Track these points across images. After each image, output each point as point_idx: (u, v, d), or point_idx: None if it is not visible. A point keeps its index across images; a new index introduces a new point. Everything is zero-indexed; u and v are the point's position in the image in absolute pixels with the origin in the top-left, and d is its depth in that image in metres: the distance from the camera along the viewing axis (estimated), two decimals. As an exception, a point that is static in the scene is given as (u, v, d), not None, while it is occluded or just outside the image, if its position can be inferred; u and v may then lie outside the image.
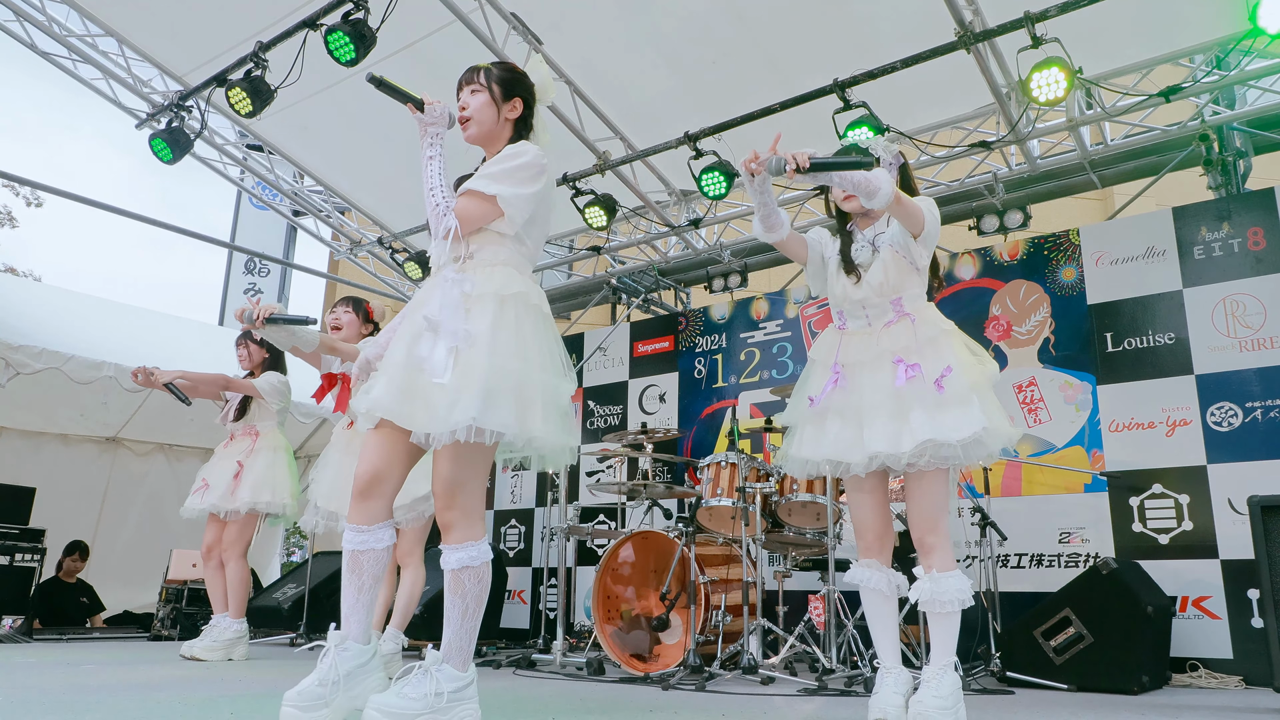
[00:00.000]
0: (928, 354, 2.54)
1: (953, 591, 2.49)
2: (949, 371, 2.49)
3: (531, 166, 2.40)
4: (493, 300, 2.28)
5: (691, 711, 2.89)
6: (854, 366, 2.64)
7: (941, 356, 2.53)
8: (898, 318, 2.64)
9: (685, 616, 4.19)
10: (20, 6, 5.87)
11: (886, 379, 2.55)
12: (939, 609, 2.50)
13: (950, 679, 2.47)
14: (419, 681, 2.15)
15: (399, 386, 2.22)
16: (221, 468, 4.82)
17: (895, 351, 2.58)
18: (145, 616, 7.22)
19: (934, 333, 2.59)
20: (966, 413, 2.45)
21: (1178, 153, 5.50)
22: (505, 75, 2.52)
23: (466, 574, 2.24)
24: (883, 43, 4.98)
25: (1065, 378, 5.17)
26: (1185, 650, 4.41)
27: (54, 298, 7.76)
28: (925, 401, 2.48)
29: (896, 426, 2.49)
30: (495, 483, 7.68)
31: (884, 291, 2.64)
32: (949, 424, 2.44)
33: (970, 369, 2.53)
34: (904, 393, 2.51)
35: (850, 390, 2.62)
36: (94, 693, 2.92)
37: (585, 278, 7.97)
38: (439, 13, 4.98)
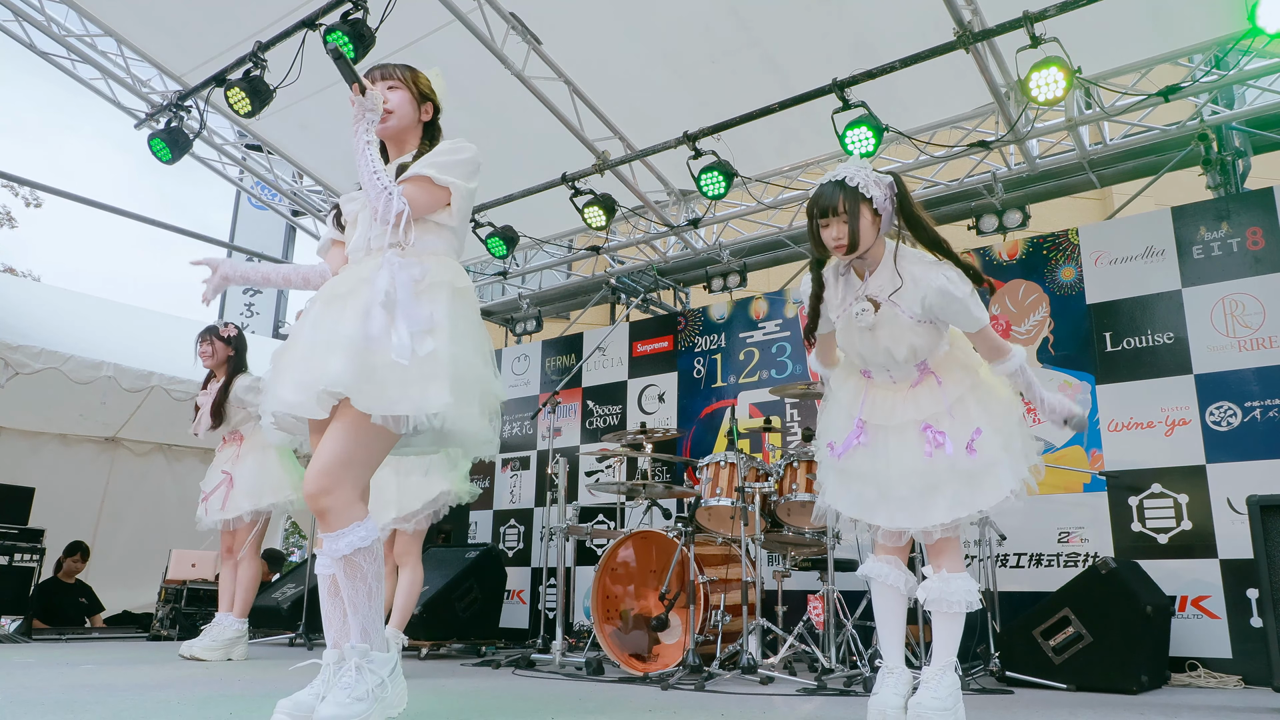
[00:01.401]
0: (957, 416, 2.47)
1: (961, 593, 2.47)
2: (978, 435, 2.44)
3: (474, 163, 2.42)
4: (446, 290, 2.28)
5: (691, 711, 2.89)
6: (878, 428, 2.55)
7: (970, 418, 2.47)
8: (922, 377, 2.55)
9: (684, 616, 4.19)
10: (19, 6, 5.87)
11: (913, 449, 2.48)
12: (945, 609, 2.48)
13: (950, 680, 2.45)
14: (358, 680, 2.09)
15: (358, 365, 2.13)
16: (213, 480, 4.85)
17: (922, 418, 2.49)
18: (144, 616, 7.22)
19: (960, 392, 2.51)
20: (997, 480, 2.45)
21: (1177, 152, 5.51)
22: (419, 78, 2.56)
23: (361, 556, 2.13)
24: (882, 42, 4.98)
25: (1064, 377, 5.18)
26: (1184, 650, 4.41)
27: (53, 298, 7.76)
28: (955, 473, 2.44)
29: (924, 502, 2.46)
30: (494, 482, 7.68)
31: (910, 359, 2.52)
32: (980, 497, 2.46)
33: (997, 420, 2.48)
34: (932, 466, 2.45)
35: (875, 454, 2.54)
36: (93, 692, 2.92)
37: (584, 277, 7.97)
38: (438, 12, 4.98)
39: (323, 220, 7.68)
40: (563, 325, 8.88)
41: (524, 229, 6.97)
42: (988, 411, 2.48)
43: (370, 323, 2.17)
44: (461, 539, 7.41)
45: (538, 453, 7.49)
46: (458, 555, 5.99)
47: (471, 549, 6.10)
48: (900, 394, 2.55)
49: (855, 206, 2.42)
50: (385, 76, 2.48)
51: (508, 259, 7.23)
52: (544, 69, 5.47)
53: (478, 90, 5.83)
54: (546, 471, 5.04)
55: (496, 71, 5.31)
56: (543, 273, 8.20)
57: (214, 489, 4.79)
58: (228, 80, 5.22)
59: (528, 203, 6.56)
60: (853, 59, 5.02)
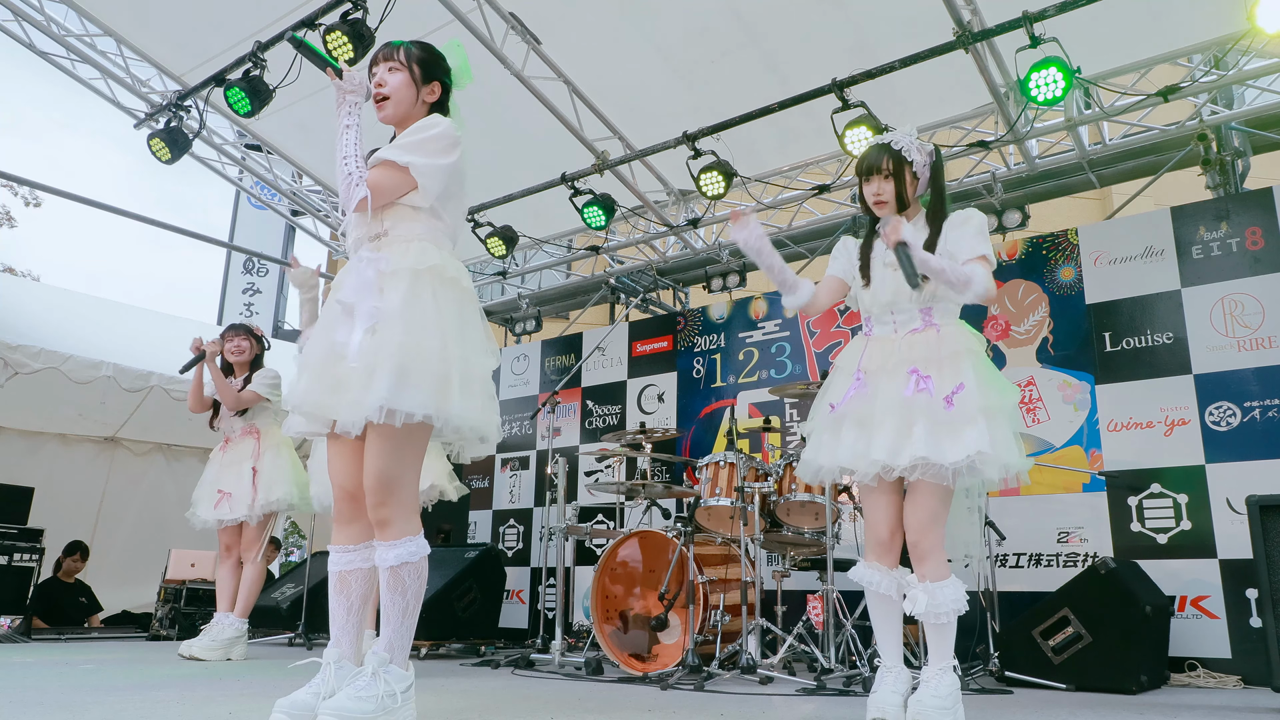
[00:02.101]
0: (946, 368, 2.49)
1: (949, 602, 2.45)
2: (961, 389, 2.44)
3: (445, 137, 2.32)
4: (407, 275, 2.21)
5: (690, 711, 2.89)
6: (875, 373, 2.59)
7: (959, 373, 2.47)
8: (924, 327, 2.59)
9: (684, 616, 4.19)
10: (18, 6, 5.86)
11: (899, 387, 2.51)
12: (935, 620, 2.46)
13: (949, 680, 2.45)
14: (370, 684, 2.09)
15: (321, 380, 2.17)
16: (235, 474, 4.84)
17: (913, 361, 2.53)
18: (144, 616, 7.22)
19: (957, 348, 2.52)
20: (968, 435, 2.39)
21: (1176, 152, 5.50)
22: (425, 56, 2.45)
23: (406, 570, 2.16)
24: (881, 42, 4.98)
25: (1064, 377, 5.18)
26: (1184, 650, 4.41)
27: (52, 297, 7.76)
28: (931, 416, 2.44)
29: (898, 438, 2.45)
30: (493, 482, 7.68)
31: (915, 298, 2.57)
32: (946, 444, 2.40)
33: (988, 392, 2.46)
34: (911, 404, 2.46)
35: (868, 397, 2.58)
36: (93, 692, 2.92)
37: (584, 277, 7.97)
38: (438, 12, 4.98)
39: (323, 220, 7.68)
40: (562, 325, 8.88)
41: (523, 229, 6.96)
42: (979, 378, 2.47)
43: (335, 331, 2.19)
44: (461, 539, 7.42)
45: (537, 452, 7.49)
46: (457, 555, 5.99)
47: (471, 549, 6.10)
48: (898, 341, 2.59)
49: (898, 168, 2.62)
50: (387, 58, 2.41)
51: (507, 259, 7.23)
52: (543, 69, 5.47)
53: (477, 90, 5.80)
54: (546, 471, 5.04)
55: (496, 71, 5.31)
56: (542, 272, 8.20)
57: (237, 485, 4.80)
58: (227, 80, 5.23)
59: (527, 202, 6.56)
60: (852, 59, 5.02)
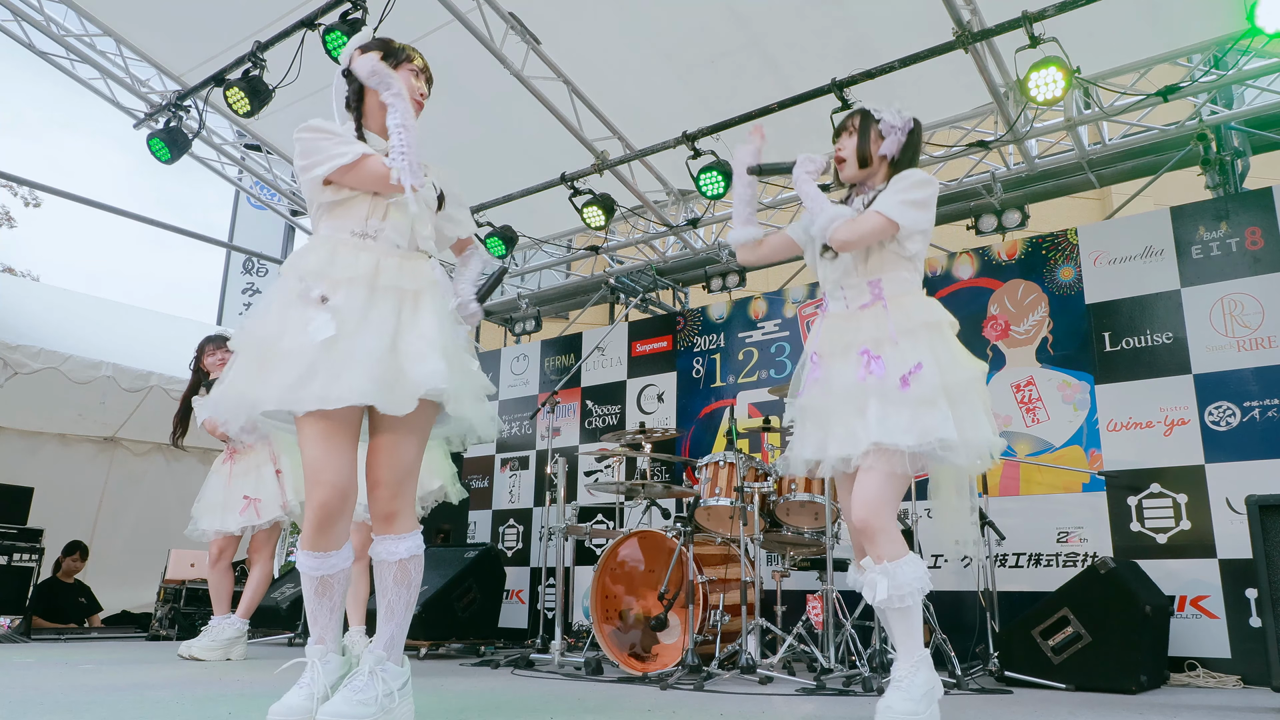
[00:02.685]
0: (903, 346, 2.34)
1: (912, 582, 2.28)
2: (919, 369, 2.29)
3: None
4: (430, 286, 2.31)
5: (689, 711, 2.89)
6: (828, 356, 2.49)
7: (916, 351, 2.33)
8: (872, 301, 2.45)
9: (683, 616, 4.19)
10: (18, 6, 5.86)
11: (851, 372, 2.38)
12: (899, 604, 2.29)
13: (922, 679, 2.31)
14: (369, 684, 2.09)
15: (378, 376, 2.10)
16: (255, 480, 4.84)
17: (863, 341, 2.39)
18: (143, 616, 7.22)
19: (911, 325, 2.38)
20: (928, 419, 2.26)
21: (1176, 152, 5.51)
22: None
23: (414, 563, 2.21)
24: (881, 42, 4.98)
25: (1063, 377, 5.18)
26: (1183, 650, 4.41)
27: (52, 297, 7.77)
28: (884, 399, 2.30)
29: (853, 426, 2.33)
30: (493, 482, 7.68)
31: (859, 270, 2.46)
32: (901, 426, 2.26)
33: (950, 369, 2.32)
34: (864, 389, 2.34)
35: (822, 384, 2.47)
36: (92, 692, 2.92)
37: (583, 277, 7.98)
38: (437, 12, 4.98)
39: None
40: (562, 325, 8.88)
41: (523, 229, 6.96)
42: (938, 354, 2.34)
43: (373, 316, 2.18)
44: (460, 539, 7.41)
45: (537, 452, 7.48)
46: (456, 555, 5.99)
47: (470, 549, 6.10)
48: (850, 320, 2.47)
49: (864, 124, 2.56)
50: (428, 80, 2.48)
51: (507, 258, 7.23)
52: (543, 69, 5.47)
53: (477, 90, 5.84)
54: (545, 471, 5.05)
55: (495, 71, 5.32)
56: (542, 272, 8.20)
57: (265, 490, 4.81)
58: (227, 80, 5.23)
59: (526, 202, 6.56)
60: (852, 59, 5.02)
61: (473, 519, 7.60)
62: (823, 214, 2.45)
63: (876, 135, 2.53)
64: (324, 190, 2.26)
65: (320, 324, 2.09)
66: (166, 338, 7.56)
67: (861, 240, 2.41)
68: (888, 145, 2.54)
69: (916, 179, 2.44)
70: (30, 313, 6.73)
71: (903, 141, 2.54)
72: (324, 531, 2.14)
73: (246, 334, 2.20)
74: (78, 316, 7.20)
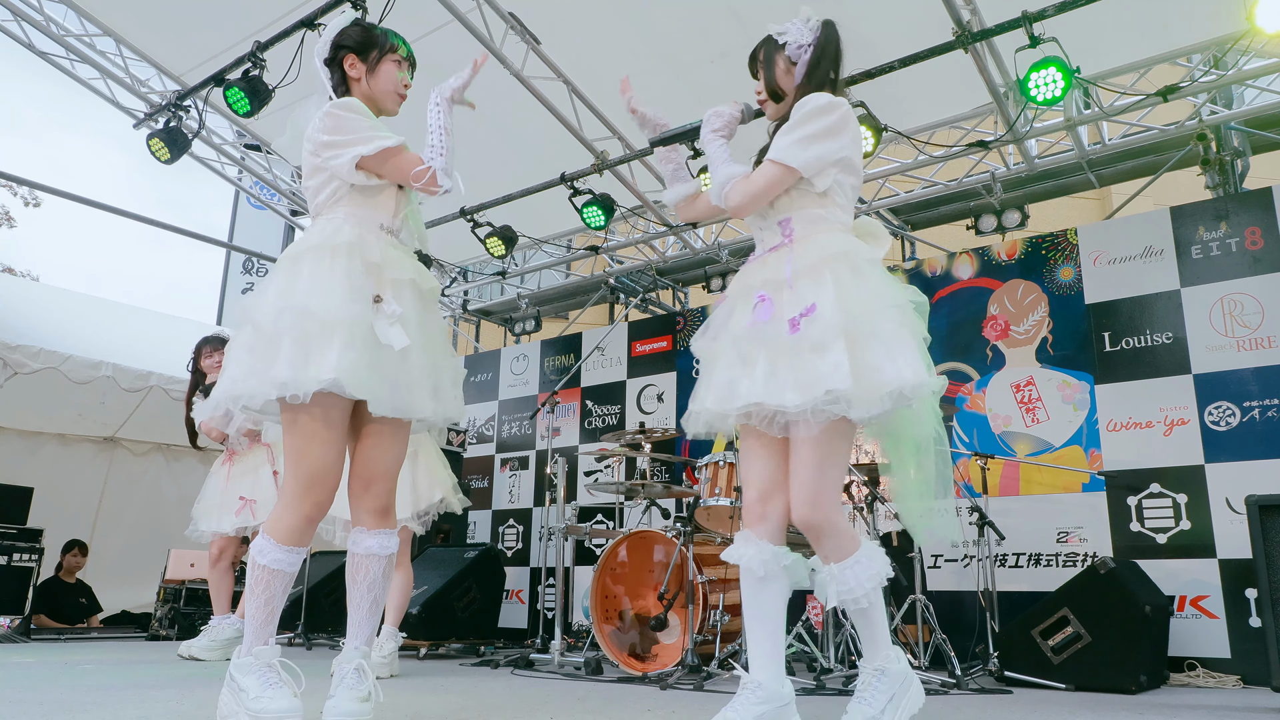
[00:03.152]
0: (800, 287, 2.03)
1: (863, 583, 2.02)
2: (810, 310, 1.96)
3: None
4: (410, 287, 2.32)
5: (689, 711, 2.89)
6: (730, 302, 2.21)
7: (814, 290, 2.00)
8: (780, 243, 2.15)
9: (683, 616, 4.19)
10: (18, 6, 5.86)
11: (742, 318, 2.10)
12: (855, 605, 2.05)
13: (885, 684, 2.07)
14: (360, 681, 2.13)
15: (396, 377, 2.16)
16: (253, 482, 4.84)
17: (760, 285, 2.11)
18: (143, 616, 7.22)
19: (812, 261, 2.05)
20: (813, 367, 1.92)
21: (1175, 152, 5.51)
22: None
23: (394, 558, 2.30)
24: (881, 42, 4.98)
25: (1063, 377, 5.18)
26: (1183, 650, 4.41)
27: (51, 297, 7.76)
28: (772, 348, 2.00)
29: (733, 377, 2.05)
30: (493, 482, 7.68)
31: (767, 212, 2.18)
32: (789, 383, 1.94)
33: (853, 303, 1.97)
34: (749, 335, 2.05)
35: (714, 330, 2.21)
36: (92, 693, 2.92)
37: (583, 277, 7.98)
38: (437, 12, 4.98)
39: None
40: (561, 325, 8.88)
41: (523, 229, 6.96)
42: (843, 289, 2.00)
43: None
44: (460, 539, 7.41)
45: (536, 453, 7.48)
46: (456, 555, 5.99)
47: (470, 549, 6.10)
48: (760, 263, 2.19)
49: (769, 56, 2.26)
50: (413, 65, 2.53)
51: (506, 259, 7.23)
52: (543, 69, 5.47)
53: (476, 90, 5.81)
54: (545, 471, 5.05)
55: (495, 71, 5.31)
56: (541, 272, 8.20)
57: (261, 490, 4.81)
58: (226, 80, 5.22)
59: (526, 202, 6.56)
60: (852, 58, 4.99)
61: (473, 519, 7.60)
62: (716, 176, 2.21)
63: (786, 64, 2.22)
64: (356, 173, 2.19)
65: (396, 336, 2.07)
66: (166, 338, 7.55)
67: (755, 200, 2.15)
68: (800, 70, 2.22)
69: (811, 108, 2.10)
70: (30, 313, 6.72)
71: (810, 59, 2.20)
72: (311, 529, 2.16)
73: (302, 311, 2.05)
74: (78, 316, 7.20)
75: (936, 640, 4.15)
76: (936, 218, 6.39)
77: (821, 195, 2.13)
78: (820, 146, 2.08)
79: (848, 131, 2.12)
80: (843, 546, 2.03)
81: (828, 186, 2.12)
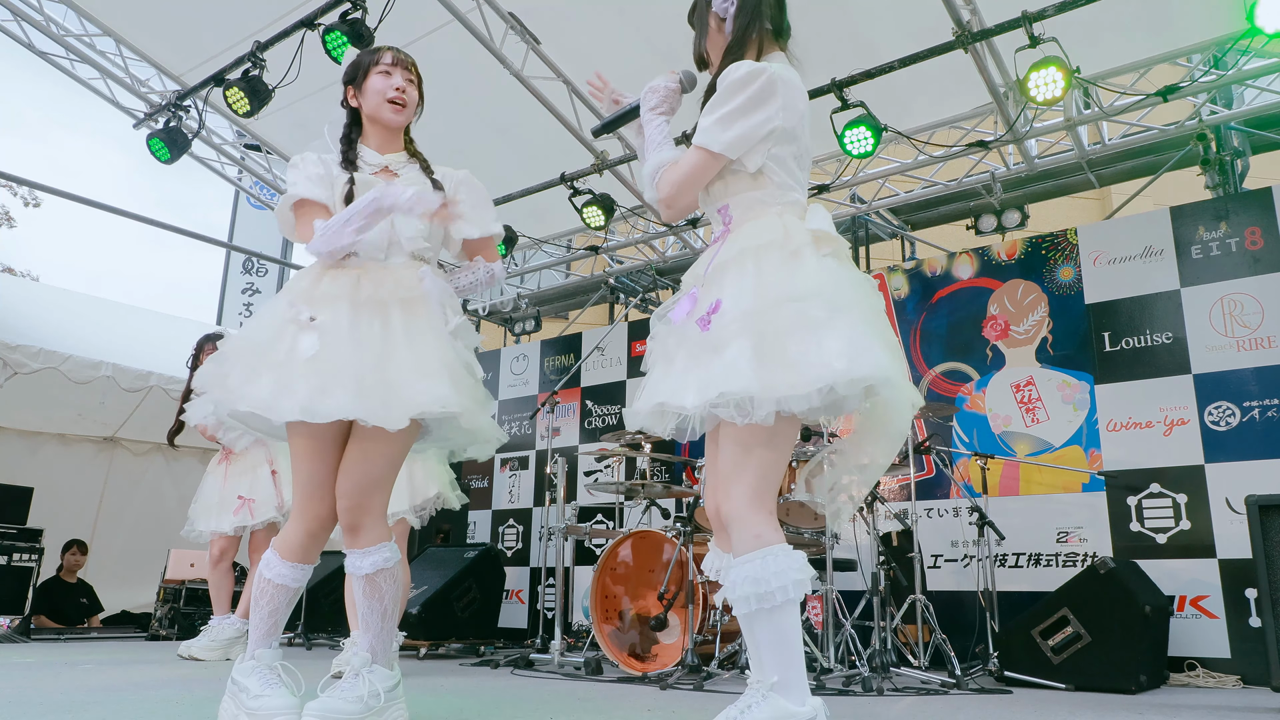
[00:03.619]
0: (716, 281, 1.90)
1: (744, 584, 1.75)
2: (717, 307, 1.83)
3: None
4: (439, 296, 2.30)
5: (689, 711, 2.88)
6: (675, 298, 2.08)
7: (736, 281, 1.85)
8: (721, 232, 2.01)
9: (683, 616, 4.19)
10: (18, 6, 5.86)
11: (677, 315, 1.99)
12: (737, 608, 1.78)
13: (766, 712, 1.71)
14: (353, 684, 2.10)
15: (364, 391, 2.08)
16: (251, 481, 4.84)
17: (694, 280, 1.99)
18: (143, 616, 7.22)
19: (737, 250, 1.89)
20: (709, 367, 1.79)
21: (1175, 152, 5.51)
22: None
23: (382, 577, 2.17)
24: (880, 42, 4.98)
25: (1063, 377, 5.18)
26: (1183, 650, 4.41)
27: (51, 297, 7.77)
28: (690, 347, 1.87)
29: (655, 377, 1.95)
30: (493, 482, 7.68)
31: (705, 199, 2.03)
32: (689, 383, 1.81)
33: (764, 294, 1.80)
34: (672, 333, 1.95)
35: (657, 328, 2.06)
36: (92, 693, 2.92)
37: (583, 277, 7.98)
38: (437, 12, 4.98)
39: (322, 220, 7.68)
40: (561, 325, 8.88)
41: (523, 229, 6.97)
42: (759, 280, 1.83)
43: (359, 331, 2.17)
44: (460, 539, 7.42)
45: (536, 452, 7.48)
46: (456, 555, 5.99)
47: (470, 549, 6.10)
48: (705, 255, 2.04)
49: (703, 19, 2.07)
50: (408, 67, 2.43)
51: (506, 259, 7.23)
52: (543, 68, 5.47)
53: (476, 90, 5.84)
54: (545, 471, 5.05)
55: (495, 71, 5.32)
56: (541, 272, 8.20)
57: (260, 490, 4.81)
58: (226, 80, 5.23)
59: (526, 202, 6.56)
60: (852, 58, 5.02)
61: (472, 519, 7.61)
62: (648, 164, 2.02)
63: (717, 24, 2.04)
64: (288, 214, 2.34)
65: (307, 342, 2.10)
66: (166, 338, 7.56)
67: (683, 191, 1.95)
68: (729, 28, 2.01)
69: (730, 81, 1.91)
70: (30, 313, 6.73)
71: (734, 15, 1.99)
72: (314, 544, 2.20)
73: (241, 339, 2.22)
74: (78, 316, 7.20)
75: (936, 640, 4.15)
76: (936, 218, 6.39)
77: (755, 175, 1.94)
78: (743, 123, 1.88)
79: (774, 99, 1.89)
80: (745, 542, 1.79)
81: (760, 165, 1.92)
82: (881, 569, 4.15)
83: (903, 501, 5.34)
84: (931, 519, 5.36)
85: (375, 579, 2.16)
